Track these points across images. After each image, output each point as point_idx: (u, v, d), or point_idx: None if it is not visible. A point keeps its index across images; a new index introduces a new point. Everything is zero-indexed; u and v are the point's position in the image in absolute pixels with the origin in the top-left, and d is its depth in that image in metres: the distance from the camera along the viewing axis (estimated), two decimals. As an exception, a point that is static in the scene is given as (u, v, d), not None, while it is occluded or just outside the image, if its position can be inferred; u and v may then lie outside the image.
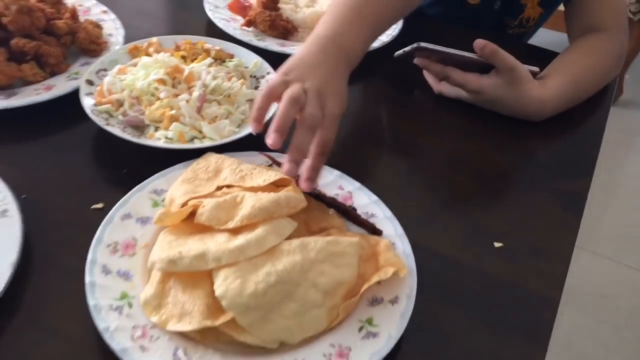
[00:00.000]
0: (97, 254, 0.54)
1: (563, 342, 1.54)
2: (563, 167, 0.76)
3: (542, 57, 0.87)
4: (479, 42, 0.77)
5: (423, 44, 0.79)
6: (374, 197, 0.63)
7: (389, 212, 0.62)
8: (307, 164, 0.58)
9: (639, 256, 1.82)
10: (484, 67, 0.80)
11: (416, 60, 0.84)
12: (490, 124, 0.81)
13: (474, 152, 0.77)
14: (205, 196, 0.58)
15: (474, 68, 0.80)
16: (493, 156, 0.76)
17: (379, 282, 0.54)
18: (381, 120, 0.84)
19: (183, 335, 0.50)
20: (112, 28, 0.84)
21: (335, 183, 0.65)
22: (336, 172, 0.65)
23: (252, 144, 0.66)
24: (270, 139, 0.57)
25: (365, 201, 0.63)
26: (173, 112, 0.67)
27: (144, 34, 0.82)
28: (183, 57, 0.76)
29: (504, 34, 1.10)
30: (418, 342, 0.53)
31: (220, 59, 0.76)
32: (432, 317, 0.55)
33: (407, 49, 0.81)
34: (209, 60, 0.74)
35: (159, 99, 0.68)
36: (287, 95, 0.60)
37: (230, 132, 0.68)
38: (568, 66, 0.85)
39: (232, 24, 0.89)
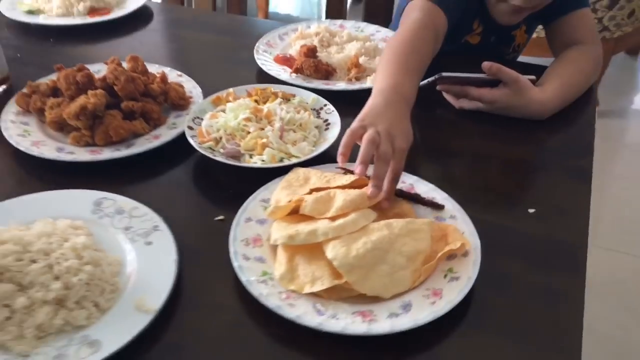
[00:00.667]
0: (237, 247, 0.71)
1: (585, 328, 1.68)
2: (569, 150, 0.95)
3: (531, 70, 1.07)
4: (485, 64, 0.97)
5: (444, 74, 0.97)
6: (431, 185, 0.81)
7: (445, 195, 0.79)
8: (384, 188, 0.75)
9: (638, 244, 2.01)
10: (493, 83, 0.99)
11: (439, 87, 1.03)
12: (504, 125, 0.99)
13: (496, 148, 0.95)
14: (303, 195, 0.76)
15: (486, 84, 1.00)
16: (512, 149, 0.95)
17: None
18: (417, 133, 1.02)
19: (315, 295, 0.66)
20: (191, 86, 1.02)
21: (398, 179, 0.82)
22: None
23: (326, 158, 0.84)
24: (357, 170, 0.75)
25: (425, 189, 0.81)
26: (263, 140, 0.85)
27: (214, 89, 1.00)
28: (256, 101, 0.94)
29: (502, 59, 1.30)
30: (488, 282, 0.69)
31: (285, 98, 0.95)
32: (493, 265, 0.71)
33: (430, 79, 0.98)
34: (279, 100, 0.93)
35: (248, 132, 0.87)
36: (366, 138, 0.75)
37: (309, 151, 0.86)
38: (560, 73, 1.05)
39: (282, 73, 1.09)
